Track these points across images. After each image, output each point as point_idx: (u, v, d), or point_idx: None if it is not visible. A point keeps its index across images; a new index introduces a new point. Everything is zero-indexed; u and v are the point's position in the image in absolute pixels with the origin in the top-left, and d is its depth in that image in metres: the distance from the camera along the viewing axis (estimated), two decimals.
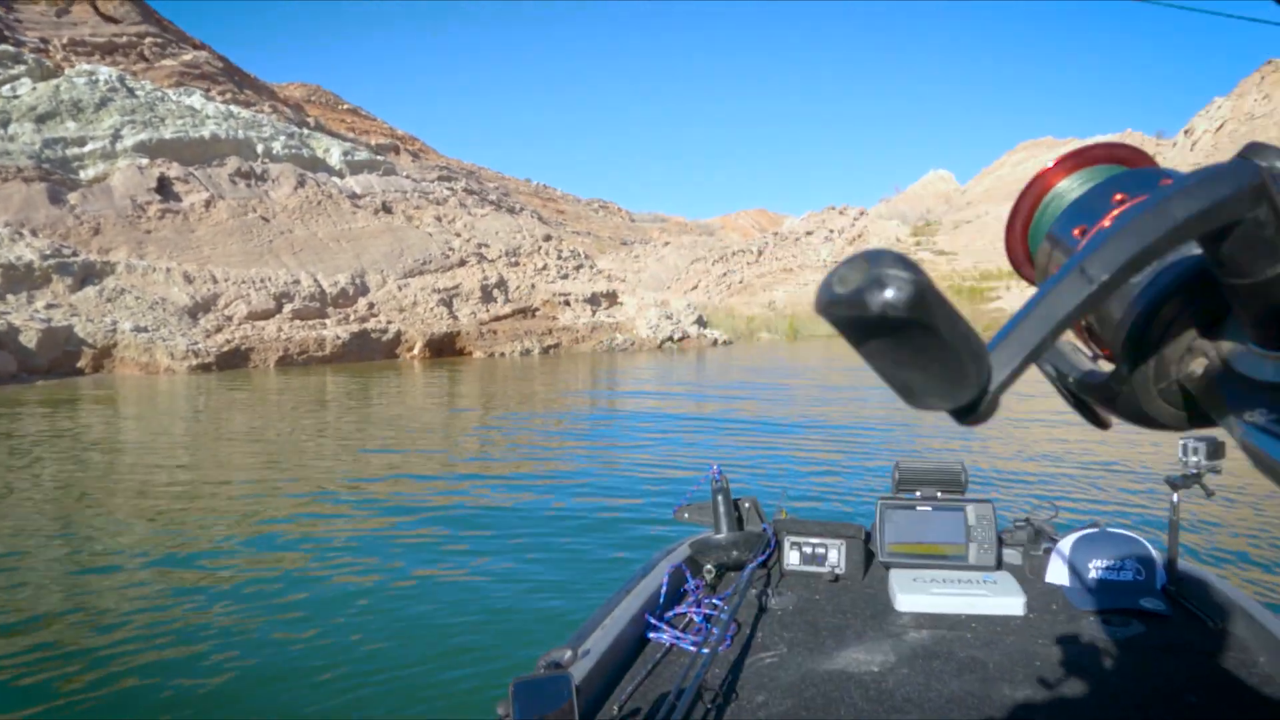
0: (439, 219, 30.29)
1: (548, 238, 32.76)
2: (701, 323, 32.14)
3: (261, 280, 21.90)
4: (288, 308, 21.74)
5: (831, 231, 64.99)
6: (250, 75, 46.04)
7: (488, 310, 26.13)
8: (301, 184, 26.69)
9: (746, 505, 2.25)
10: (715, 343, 30.65)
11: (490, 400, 14.53)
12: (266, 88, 48.51)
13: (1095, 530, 2.08)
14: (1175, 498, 2.00)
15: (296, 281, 22.55)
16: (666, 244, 69.38)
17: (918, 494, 2.18)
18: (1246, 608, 1.78)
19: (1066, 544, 2.05)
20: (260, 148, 26.99)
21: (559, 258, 31.68)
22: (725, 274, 57.85)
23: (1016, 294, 48.44)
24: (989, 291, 50.70)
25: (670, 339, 28.50)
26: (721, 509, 2.13)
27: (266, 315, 21.32)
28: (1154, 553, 2.00)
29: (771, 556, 2.16)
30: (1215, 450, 1.96)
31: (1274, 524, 5.76)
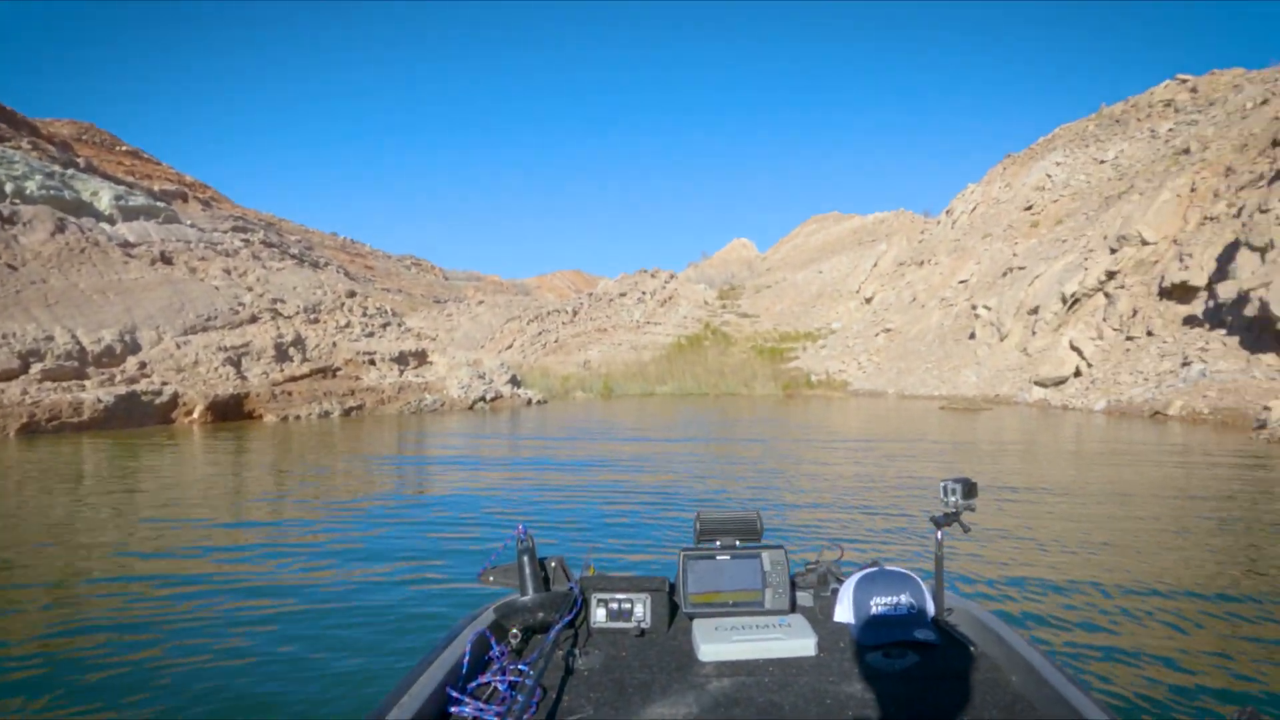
0: (228, 272, 27.99)
1: (352, 294, 31.16)
2: (515, 382, 31.70)
3: (4, 336, 19.05)
4: (36, 367, 19.01)
5: (644, 293, 67.06)
6: (7, 108, 40.90)
7: (282, 370, 24.27)
8: (61, 229, 23.76)
9: (553, 564, 2.21)
10: (529, 402, 30.29)
11: (281, 465, 13.34)
12: (27, 123, 43.23)
13: (875, 569, 2.18)
14: (939, 535, 2.16)
15: (49, 338, 19.83)
16: (481, 302, 68.49)
17: (718, 543, 2.21)
18: (999, 632, 1.96)
19: (850, 584, 2.15)
20: (10, 187, 23.82)
21: (364, 315, 30.19)
22: (540, 333, 57.84)
23: (812, 353, 52.11)
24: (788, 351, 54.17)
25: (483, 399, 27.82)
26: (527, 570, 2.09)
27: (9, 376, 18.52)
28: (925, 586, 2.14)
29: (579, 616, 2.11)
30: (970, 490, 2.13)
31: (1019, 555, 6.36)
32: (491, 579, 2.19)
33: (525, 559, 2.11)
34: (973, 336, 38.81)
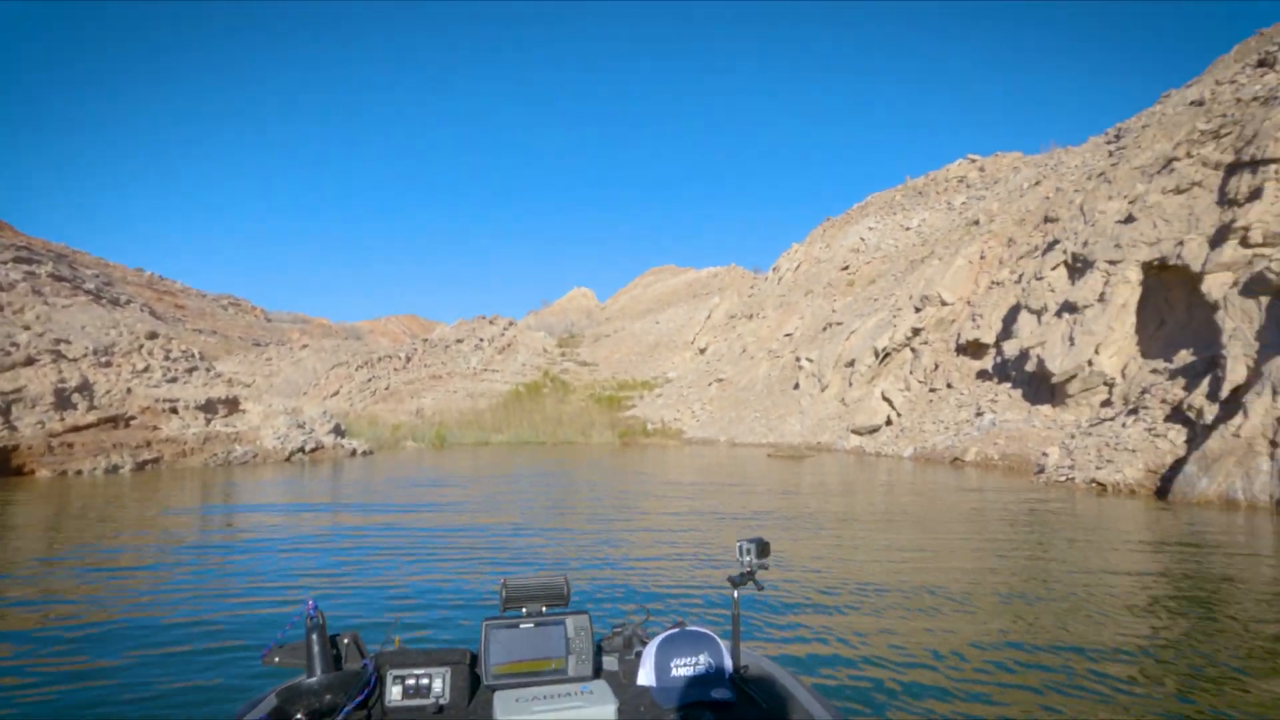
0: (0, 307, 24.77)
1: (153, 335, 28.38)
2: (339, 431, 29.95)
3: None
4: None
5: (482, 340, 65.93)
6: None
7: (62, 419, 21.59)
8: None
9: (346, 641, 2.10)
10: (354, 453, 28.65)
11: (49, 525, 11.71)
12: None
13: (677, 630, 2.21)
14: (735, 594, 2.23)
15: None
16: (305, 346, 64.67)
17: (524, 611, 2.19)
18: (788, 685, 2.03)
19: (653, 646, 2.16)
20: None
21: (167, 358, 27.56)
22: (370, 380, 55.26)
23: (649, 402, 53.00)
24: (625, 400, 54.81)
25: (301, 450, 26.02)
26: (315, 648, 1.97)
27: None
28: (723, 645, 2.18)
29: (372, 695, 1.99)
30: (763, 550, 2.22)
31: (825, 596, 6.58)
32: (277, 659, 2.06)
33: (314, 637, 1.97)
34: (797, 387, 40.93)
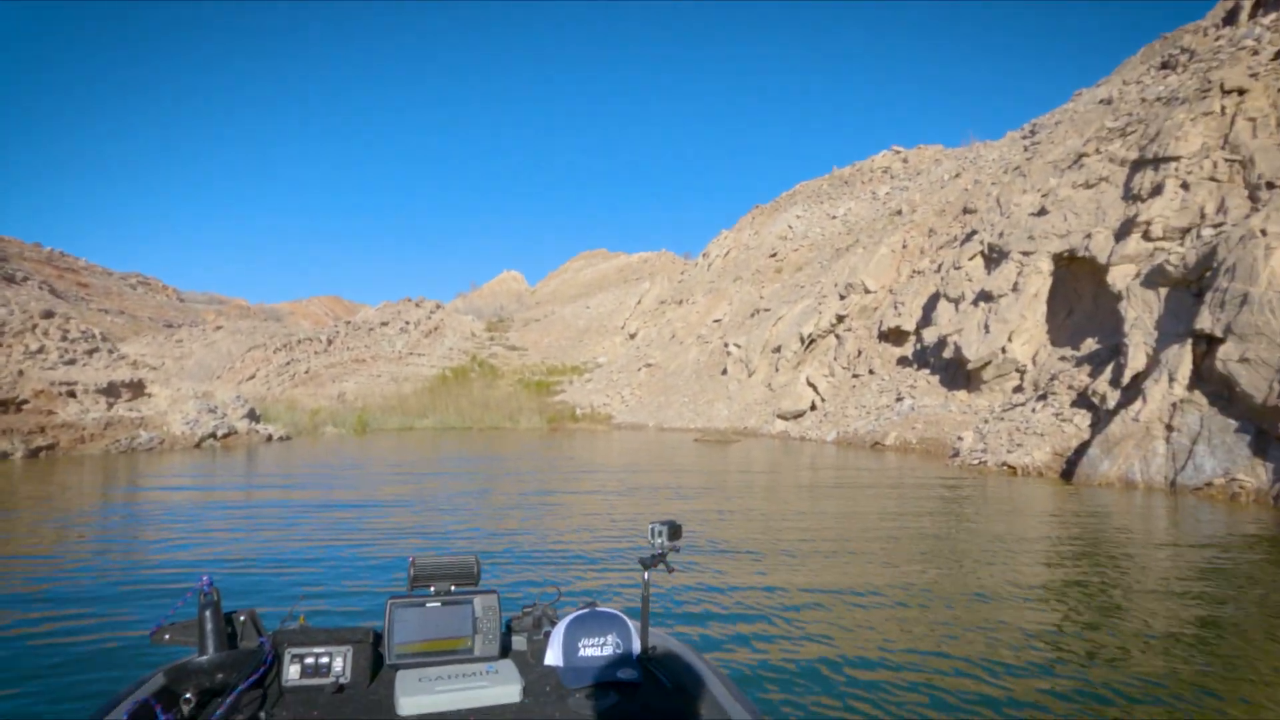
0: None
1: (49, 314, 26.70)
2: (254, 416, 28.82)
3: None
4: None
5: (407, 323, 64.48)
6: None
7: None
8: None
9: (242, 619, 2.07)
10: (270, 438, 27.63)
11: None
12: None
13: (586, 610, 2.21)
14: (646, 575, 2.23)
15: None
16: (219, 328, 62.08)
17: (431, 590, 2.17)
18: (695, 666, 2.04)
19: (561, 626, 2.17)
20: None
21: (64, 339, 25.97)
22: (289, 363, 53.44)
23: (578, 387, 52.79)
24: (554, 385, 54.48)
25: (213, 435, 24.94)
26: (209, 626, 1.92)
27: None
28: (632, 626, 2.18)
29: (269, 673, 1.93)
30: (675, 532, 2.22)
31: (721, 592, 6.59)
32: (167, 637, 1.97)
33: (207, 613, 1.93)
34: (725, 372, 41.32)
